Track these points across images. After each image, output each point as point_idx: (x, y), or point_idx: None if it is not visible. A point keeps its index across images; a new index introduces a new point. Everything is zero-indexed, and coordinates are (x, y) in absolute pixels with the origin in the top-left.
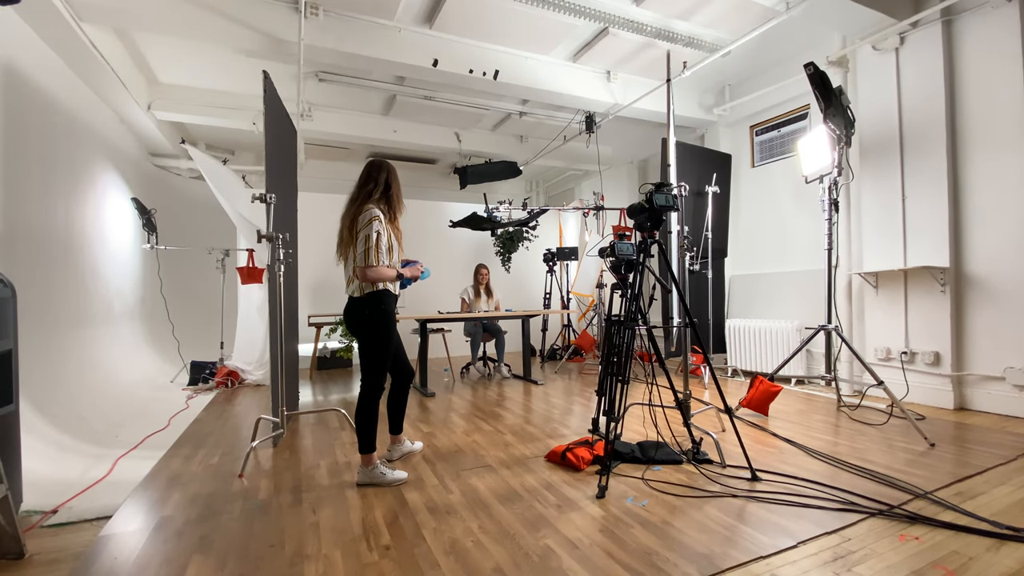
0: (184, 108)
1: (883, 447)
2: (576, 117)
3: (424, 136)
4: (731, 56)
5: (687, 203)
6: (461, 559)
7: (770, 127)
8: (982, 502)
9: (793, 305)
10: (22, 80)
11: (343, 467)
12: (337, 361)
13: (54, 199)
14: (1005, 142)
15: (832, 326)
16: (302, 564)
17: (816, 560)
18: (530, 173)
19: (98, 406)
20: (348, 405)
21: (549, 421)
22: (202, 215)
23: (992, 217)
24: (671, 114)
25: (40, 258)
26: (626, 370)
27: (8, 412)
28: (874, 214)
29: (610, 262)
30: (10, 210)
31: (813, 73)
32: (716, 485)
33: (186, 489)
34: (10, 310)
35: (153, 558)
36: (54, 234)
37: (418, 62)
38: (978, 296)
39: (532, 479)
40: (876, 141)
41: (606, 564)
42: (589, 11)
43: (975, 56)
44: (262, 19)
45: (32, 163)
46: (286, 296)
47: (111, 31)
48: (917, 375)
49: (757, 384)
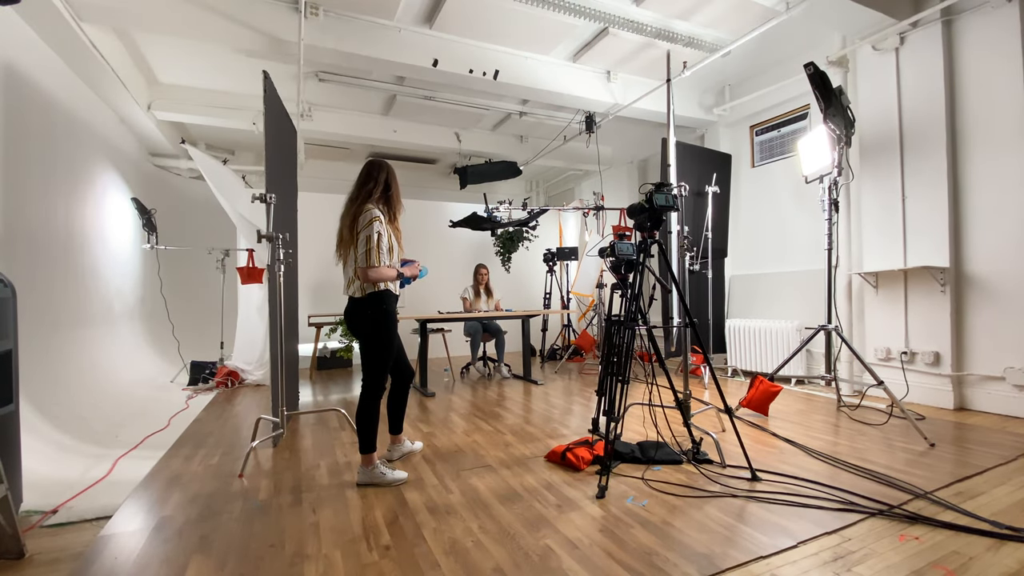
0: (184, 108)
1: (883, 447)
2: (576, 117)
3: (424, 136)
4: (731, 56)
5: (687, 203)
6: (461, 559)
7: (770, 127)
8: (982, 502)
9: (793, 305)
10: (22, 80)
11: (343, 467)
12: (337, 361)
13: (54, 199)
14: (1005, 142)
15: (832, 326)
16: (302, 564)
17: (816, 560)
18: (530, 173)
19: (98, 406)
20: (348, 405)
21: (549, 421)
22: (202, 215)
23: (992, 217)
24: (671, 114)
25: (40, 258)
26: (626, 370)
27: (8, 412)
28: (874, 214)
29: (610, 262)
30: (10, 210)
31: (813, 73)
32: (716, 485)
33: (186, 489)
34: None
35: (153, 558)
36: (54, 234)
37: (418, 62)
38: (978, 296)
39: (532, 479)
40: (876, 141)
41: (606, 564)
42: (589, 11)
43: (975, 56)
44: (262, 19)
45: (32, 163)
46: (286, 296)
47: (111, 31)
48: (917, 375)
49: (757, 384)
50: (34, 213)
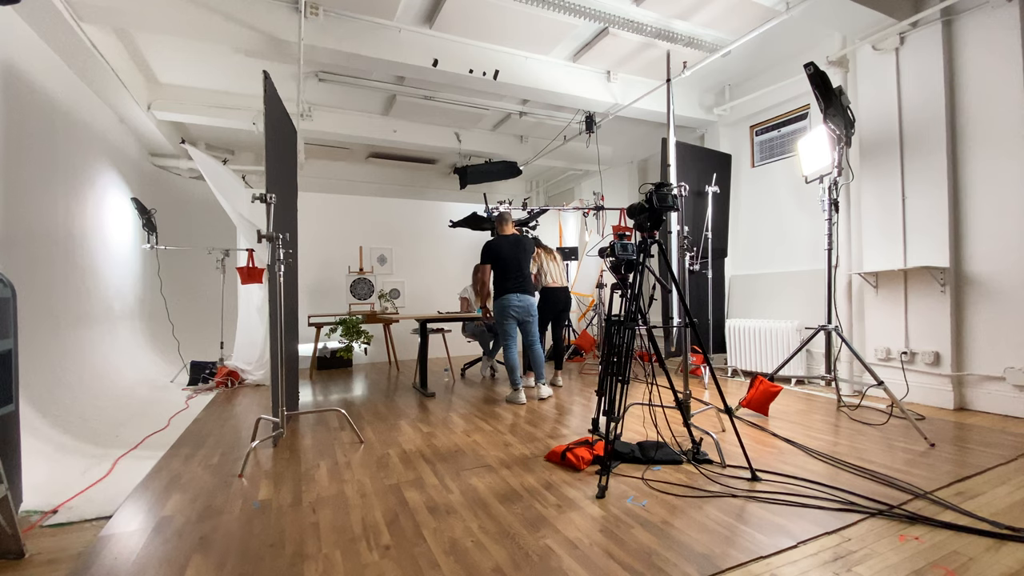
0: (184, 108)
1: (883, 447)
2: (576, 117)
3: (424, 136)
4: (731, 56)
5: (687, 203)
6: (461, 559)
7: (770, 127)
8: (982, 502)
9: (793, 305)
10: (22, 80)
11: (343, 467)
12: (337, 361)
13: (54, 199)
14: (1005, 142)
15: (832, 326)
16: (302, 564)
17: (816, 560)
18: (530, 173)
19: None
20: (348, 405)
21: (549, 421)
22: (202, 215)
23: (992, 217)
24: (671, 114)
25: (40, 258)
26: (626, 370)
27: (8, 412)
28: (874, 214)
29: (610, 262)
30: (10, 210)
31: (813, 73)
32: (716, 485)
33: (186, 489)
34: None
35: (153, 558)
36: (54, 234)
37: (418, 62)
38: (978, 296)
39: (532, 479)
40: (876, 141)
41: (606, 564)
42: (589, 11)
43: (975, 56)
44: (262, 19)
45: (32, 163)
46: (286, 296)
47: (111, 31)
48: (917, 375)
49: (757, 384)
50: (34, 213)
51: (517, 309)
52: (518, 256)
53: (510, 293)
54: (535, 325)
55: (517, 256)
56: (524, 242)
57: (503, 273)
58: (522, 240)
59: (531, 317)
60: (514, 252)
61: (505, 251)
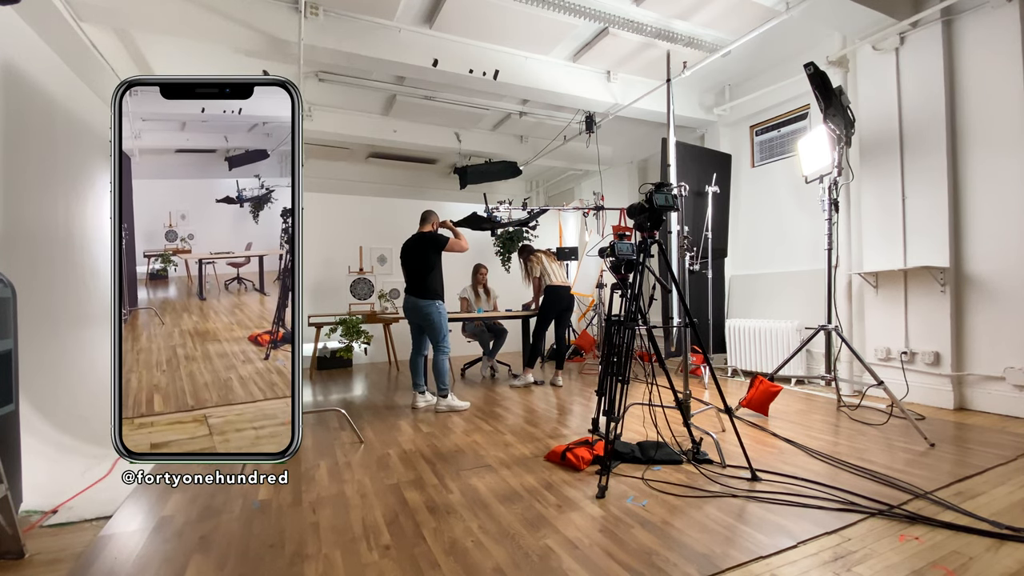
0: None
1: (883, 447)
2: (576, 117)
3: (424, 136)
4: (731, 56)
5: (687, 203)
6: (461, 559)
7: (770, 127)
8: (982, 502)
9: (793, 305)
10: (22, 80)
11: (343, 467)
12: (337, 361)
13: (54, 199)
14: (1005, 142)
15: (832, 326)
16: (302, 564)
17: (816, 560)
18: (530, 173)
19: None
20: (348, 405)
21: (549, 421)
22: None
23: (992, 217)
24: (671, 114)
25: (40, 258)
26: (626, 370)
27: (8, 412)
28: (874, 214)
29: (610, 262)
30: (10, 210)
31: (813, 73)
32: (716, 485)
33: (186, 489)
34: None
35: (153, 558)
36: (54, 234)
37: (418, 62)
38: (978, 296)
39: (532, 479)
40: (876, 141)
41: (606, 564)
42: (589, 11)
43: (975, 56)
44: (262, 19)
45: (32, 163)
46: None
47: (111, 31)
48: (917, 375)
49: (757, 384)
50: (34, 213)
51: (406, 310)
52: (408, 256)
53: (405, 294)
54: (430, 333)
55: (408, 256)
56: (419, 241)
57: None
58: (420, 239)
59: (422, 322)
60: (406, 252)
61: (403, 251)
